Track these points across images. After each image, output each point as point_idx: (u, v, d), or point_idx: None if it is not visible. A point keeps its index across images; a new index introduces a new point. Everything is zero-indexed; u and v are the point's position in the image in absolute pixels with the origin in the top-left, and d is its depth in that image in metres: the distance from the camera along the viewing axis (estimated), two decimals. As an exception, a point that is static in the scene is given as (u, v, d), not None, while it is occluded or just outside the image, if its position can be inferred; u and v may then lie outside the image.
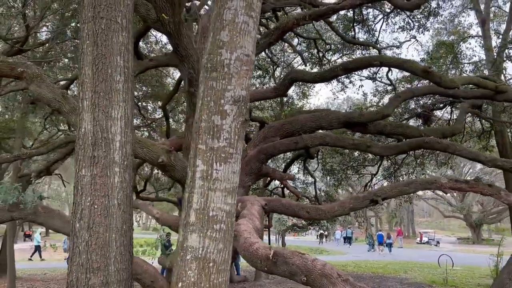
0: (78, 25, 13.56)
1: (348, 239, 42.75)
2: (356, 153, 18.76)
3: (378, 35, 13.58)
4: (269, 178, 14.43)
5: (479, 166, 42.62)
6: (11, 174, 13.56)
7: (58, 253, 27.96)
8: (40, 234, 27.02)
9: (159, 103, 16.90)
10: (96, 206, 2.93)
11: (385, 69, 14.07)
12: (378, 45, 13.86)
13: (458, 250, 34.09)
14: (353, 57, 15.21)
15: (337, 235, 45.11)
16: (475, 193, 7.96)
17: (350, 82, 15.82)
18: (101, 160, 2.96)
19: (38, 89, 7.61)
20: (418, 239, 44.36)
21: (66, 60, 15.39)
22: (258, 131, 13.14)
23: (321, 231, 43.07)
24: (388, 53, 14.72)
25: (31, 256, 24.66)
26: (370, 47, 14.58)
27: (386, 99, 17.11)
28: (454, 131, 11.03)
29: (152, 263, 8.65)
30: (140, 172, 22.82)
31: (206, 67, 2.90)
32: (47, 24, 14.90)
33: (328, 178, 19.74)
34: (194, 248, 2.80)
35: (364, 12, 13.98)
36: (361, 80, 15.53)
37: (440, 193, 45.75)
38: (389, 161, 17.98)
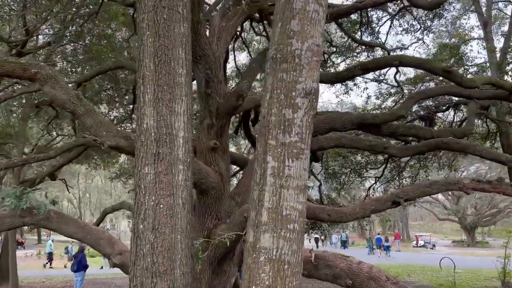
0: (78, 28, 13.37)
1: (343, 243, 42.85)
2: (358, 157, 18.73)
3: (387, 37, 13.57)
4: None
5: (473, 168, 42.83)
6: (12, 180, 13.26)
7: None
8: (52, 241, 26.65)
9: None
10: (161, 206, 2.75)
11: (391, 71, 14.07)
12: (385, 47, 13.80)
13: (456, 253, 34.14)
14: (358, 59, 15.18)
15: (333, 239, 45.11)
16: (497, 193, 7.89)
17: (355, 84, 15.76)
18: (166, 157, 2.79)
19: (52, 90, 7.41)
20: (414, 242, 44.46)
21: (65, 63, 15.17)
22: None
23: (317, 235, 43.10)
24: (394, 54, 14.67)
25: (46, 263, 24.32)
26: (375, 49, 14.58)
27: (389, 102, 17.13)
28: (465, 132, 10.98)
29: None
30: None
31: (275, 58, 2.76)
32: (47, 27, 14.68)
33: (331, 181, 19.65)
34: (268, 249, 2.64)
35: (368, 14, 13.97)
36: (366, 82, 15.39)
37: (435, 196, 45.86)
38: (392, 164, 17.95)
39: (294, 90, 2.72)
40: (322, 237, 46.69)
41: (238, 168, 14.96)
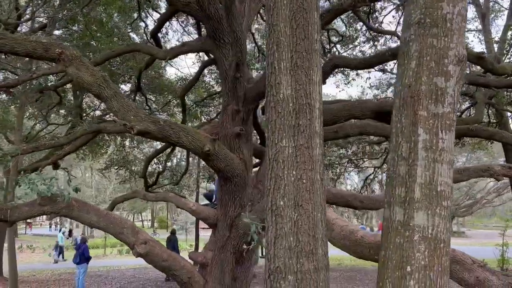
0: (76, 10, 12.78)
1: None
2: (354, 147, 18.78)
3: (397, 27, 13.49)
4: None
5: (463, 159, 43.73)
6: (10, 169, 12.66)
7: (36, 253, 26.70)
8: (63, 234, 25.88)
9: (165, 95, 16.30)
10: (304, 181, 2.53)
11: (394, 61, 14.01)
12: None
13: (459, 242, 34.93)
14: (363, 48, 15.15)
15: None
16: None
17: (357, 74, 15.73)
18: (306, 129, 2.56)
19: (78, 72, 7.01)
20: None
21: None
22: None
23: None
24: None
25: (58, 256, 23.68)
26: (378, 40, 14.56)
27: (389, 93, 17.21)
28: (477, 121, 11.08)
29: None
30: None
31: (422, 23, 2.56)
32: (44, 10, 14.02)
33: (327, 172, 19.66)
34: (422, 228, 2.47)
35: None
36: (369, 72, 15.37)
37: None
38: (386, 155, 18.04)
39: (446, 57, 2.54)
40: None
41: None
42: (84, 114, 15.46)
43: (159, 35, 11.08)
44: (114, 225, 7.96)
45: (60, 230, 27.80)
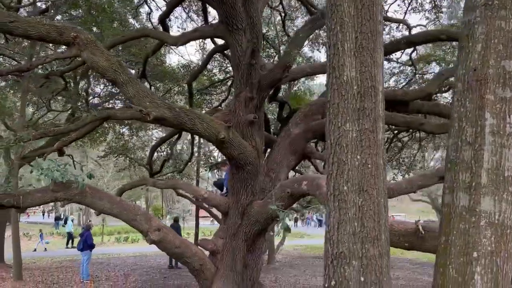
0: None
1: (319, 222, 44.34)
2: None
3: (405, 15, 13.39)
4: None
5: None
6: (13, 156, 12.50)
7: (33, 241, 26.54)
8: (72, 221, 25.73)
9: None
10: (369, 166, 2.48)
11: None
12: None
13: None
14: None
15: (315, 218, 46.42)
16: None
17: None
18: (371, 112, 2.51)
19: (93, 57, 6.89)
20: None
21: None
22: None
23: (296, 215, 44.02)
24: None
25: (67, 244, 23.65)
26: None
27: (391, 82, 17.15)
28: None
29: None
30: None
31: (490, 4, 2.51)
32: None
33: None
34: (488, 213, 2.44)
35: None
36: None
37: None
38: (391, 144, 18.07)
39: (515, 40, 2.49)
40: (298, 216, 47.70)
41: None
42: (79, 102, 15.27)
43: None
44: (127, 212, 7.91)
45: (65, 219, 27.59)
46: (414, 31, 11.96)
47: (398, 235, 4.62)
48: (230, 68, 15.69)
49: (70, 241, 23.69)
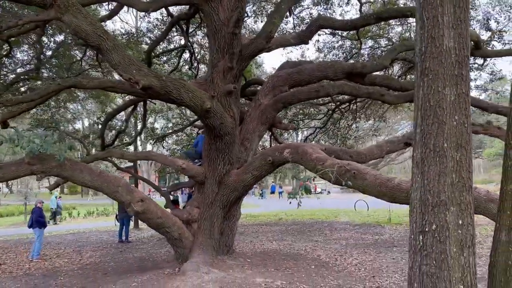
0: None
1: (261, 195, 45.82)
2: (294, 109, 19.52)
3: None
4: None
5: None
6: None
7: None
8: (56, 197, 23.53)
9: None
10: (466, 125, 2.82)
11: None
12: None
13: (354, 197, 37.83)
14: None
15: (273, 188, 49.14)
16: (486, 135, 9.10)
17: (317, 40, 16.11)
18: (465, 79, 2.85)
19: (75, 20, 6.56)
20: (313, 189, 47.85)
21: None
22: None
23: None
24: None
25: (53, 220, 22.52)
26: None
27: (331, 56, 17.95)
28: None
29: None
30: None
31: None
32: None
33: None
34: None
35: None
36: (319, 35, 15.80)
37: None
38: (329, 116, 19.05)
39: None
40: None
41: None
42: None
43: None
44: (109, 184, 7.74)
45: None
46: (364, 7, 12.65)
47: (406, 193, 5.15)
48: (176, 38, 15.39)
49: (53, 218, 22.98)
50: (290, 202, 5.69)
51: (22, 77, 14.01)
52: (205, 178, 8.98)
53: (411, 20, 15.66)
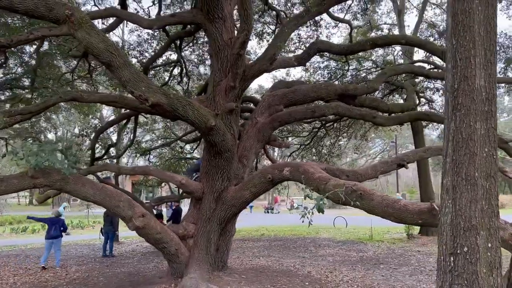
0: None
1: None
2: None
3: (344, 15, 14.52)
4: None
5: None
6: None
7: None
8: (64, 208, 22.60)
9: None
10: (494, 157, 3.11)
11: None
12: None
13: (331, 213, 38.26)
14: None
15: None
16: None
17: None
18: (494, 114, 3.15)
19: (88, 37, 6.68)
20: (289, 205, 47.91)
21: None
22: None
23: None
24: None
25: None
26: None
27: (316, 76, 18.46)
28: (409, 107, 12.77)
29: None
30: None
31: None
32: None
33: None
34: None
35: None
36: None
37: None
38: (310, 133, 19.50)
39: None
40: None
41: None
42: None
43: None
44: (111, 199, 7.77)
45: None
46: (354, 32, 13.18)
47: (412, 214, 5.44)
48: (169, 53, 15.53)
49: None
50: (303, 221, 5.88)
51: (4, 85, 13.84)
52: (202, 194, 9.09)
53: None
